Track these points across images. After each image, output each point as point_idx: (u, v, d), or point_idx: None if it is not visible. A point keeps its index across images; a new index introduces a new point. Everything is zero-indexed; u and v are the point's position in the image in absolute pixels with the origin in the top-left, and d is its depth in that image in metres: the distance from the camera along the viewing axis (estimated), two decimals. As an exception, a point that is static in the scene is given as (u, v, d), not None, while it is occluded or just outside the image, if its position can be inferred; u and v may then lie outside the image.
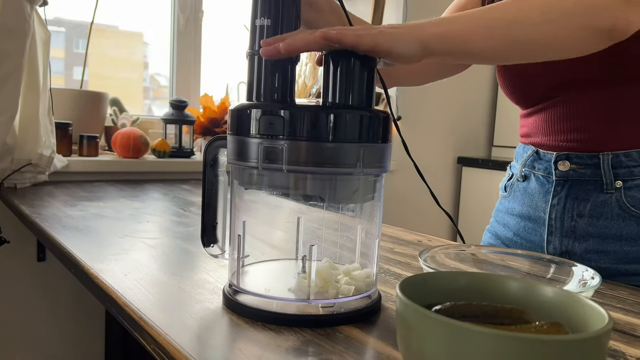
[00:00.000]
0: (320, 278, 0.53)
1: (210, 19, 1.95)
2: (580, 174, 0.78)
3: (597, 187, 0.77)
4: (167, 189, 1.39)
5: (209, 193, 0.59)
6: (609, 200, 0.76)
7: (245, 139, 0.50)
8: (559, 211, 0.80)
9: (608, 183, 0.76)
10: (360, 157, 0.49)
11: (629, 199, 0.75)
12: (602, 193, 0.77)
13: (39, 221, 0.90)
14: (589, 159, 0.77)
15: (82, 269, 0.66)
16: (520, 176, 0.87)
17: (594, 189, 0.77)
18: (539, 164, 0.84)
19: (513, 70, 0.85)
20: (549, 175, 0.82)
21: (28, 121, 1.25)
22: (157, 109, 2.10)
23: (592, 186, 0.78)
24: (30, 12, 1.18)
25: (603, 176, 0.76)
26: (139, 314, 0.51)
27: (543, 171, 0.83)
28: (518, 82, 0.85)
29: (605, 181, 0.76)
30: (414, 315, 0.36)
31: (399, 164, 2.16)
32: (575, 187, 0.79)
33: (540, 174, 0.84)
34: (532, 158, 0.85)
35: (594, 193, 0.77)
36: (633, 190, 0.75)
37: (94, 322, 1.56)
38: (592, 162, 0.77)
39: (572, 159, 0.79)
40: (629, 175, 0.75)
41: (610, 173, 0.76)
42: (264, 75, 0.52)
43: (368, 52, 0.50)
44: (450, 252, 0.66)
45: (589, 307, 0.39)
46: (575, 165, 0.78)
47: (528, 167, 0.86)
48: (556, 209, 0.80)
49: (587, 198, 0.78)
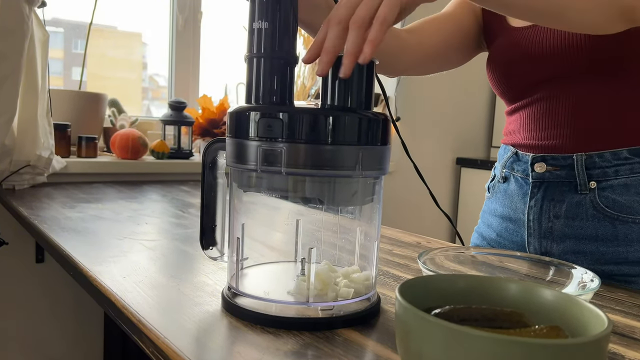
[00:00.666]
0: (319, 281, 0.53)
1: (208, 20, 1.95)
2: (555, 175, 0.79)
3: (571, 188, 0.78)
4: (166, 190, 1.39)
5: (208, 195, 0.59)
6: (583, 201, 0.77)
7: (244, 142, 0.50)
8: (536, 213, 0.81)
9: (582, 184, 0.77)
10: (359, 159, 0.49)
11: (602, 199, 0.76)
12: (576, 194, 0.78)
13: (37, 223, 0.90)
14: (564, 160, 0.78)
15: (81, 271, 0.65)
16: (501, 177, 0.89)
17: (569, 190, 0.78)
18: (517, 165, 0.85)
19: (500, 61, 0.86)
20: (527, 177, 0.83)
21: (26, 122, 1.24)
22: (155, 109, 2.09)
23: (567, 187, 0.78)
24: (28, 13, 1.18)
25: (577, 177, 0.77)
26: (138, 316, 0.51)
27: (521, 173, 0.84)
28: (504, 73, 0.86)
29: (579, 182, 0.77)
30: (412, 319, 0.36)
31: (398, 165, 2.16)
32: (551, 189, 0.80)
33: (519, 175, 0.84)
34: (512, 159, 0.86)
35: (569, 194, 0.78)
36: (607, 190, 0.76)
37: (93, 323, 1.56)
38: (567, 163, 0.78)
39: (547, 160, 0.80)
40: (603, 175, 0.76)
41: (584, 174, 0.76)
42: (262, 78, 0.52)
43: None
44: (449, 254, 0.66)
45: (588, 310, 0.39)
46: (551, 167, 0.79)
47: (508, 169, 0.87)
48: (533, 211, 0.81)
49: (563, 199, 0.79)
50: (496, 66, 0.87)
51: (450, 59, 0.94)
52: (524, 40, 0.81)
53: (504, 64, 0.86)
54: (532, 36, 0.80)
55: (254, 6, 0.52)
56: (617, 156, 0.75)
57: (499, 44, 0.87)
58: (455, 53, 0.93)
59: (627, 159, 0.75)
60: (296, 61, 0.53)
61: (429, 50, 0.90)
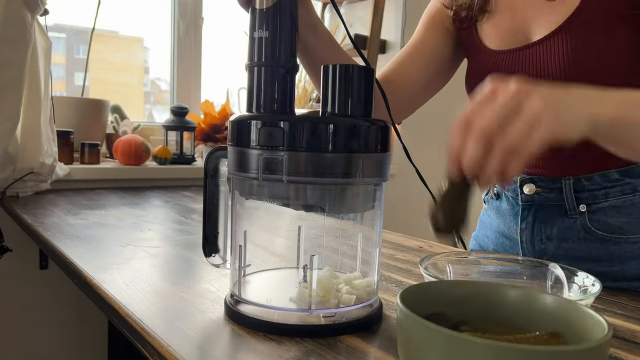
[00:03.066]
0: (321, 287, 0.53)
1: (210, 25, 1.96)
2: (544, 197, 0.78)
3: (561, 212, 0.76)
4: (169, 196, 1.39)
5: (210, 203, 0.59)
6: (574, 225, 0.76)
7: (245, 150, 0.50)
8: (528, 235, 0.80)
9: (571, 208, 0.75)
10: (359, 166, 0.49)
11: (594, 222, 0.74)
12: (566, 217, 0.76)
13: (41, 230, 0.90)
14: (552, 183, 0.77)
15: (85, 279, 0.66)
16: (494, 193, 0.87)
17: (559, 214, 0.77)
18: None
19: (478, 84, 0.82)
20: (517, 197, 0.81)
21: (30, 130, 1.25)
22: (158, 113, 2.10)
23: (557, 210, 0.77)
24: (31, 21, 1.19)
25: (566, 201, 0.76)
26: (141, 324, 0.51)
27: (512, 192, 0.82)
28: None
29: (568, 206, 0.76)
30: (413, 326, 0.36)
31: (400, 169, 2.16)
32: (541, 212, 0.78)
33: (509, 194, 0.83)
34: None
35: (559, 217, 0.77)
36: (597, 214, 0.74)
37: (97, 330, 1.56)
38: (555, 186, 0.76)
39: (536, 182, 0.78)
40: (592, 199, 0.74)
41: (572, 198, 0.75)
42: (263, 87, 0.52)
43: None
44: (451, 259, 0.66)
45: (589, 316, 0.39)
46: (540, 189, 0.77)
47: (499, 186, 0.85)
48: (525, 233, 0.81)
49: (553, 222, 0.77)
50: (470, 86, 0.84)
51: (434, 85, 0.91)
52: (503, 66, 0.78)
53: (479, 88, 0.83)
54: (510, 63, 0.77)
55: (255, 15, 0.53)
56: (606, 178, 0.73)
57: (476, 65, 0.84)
58: (438, 77, 0.90)
59: (617, 181, 0.73)
60: (296, 69, 0.54)
61: (409, 90, 0.88)
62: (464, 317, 0.43)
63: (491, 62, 0.79)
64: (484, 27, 0.82)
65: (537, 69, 0.73)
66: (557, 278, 0.61)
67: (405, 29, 2.23)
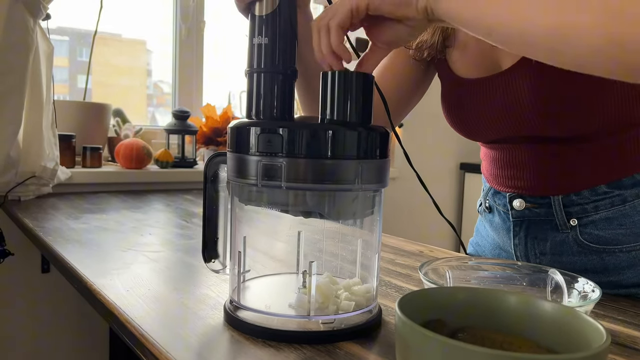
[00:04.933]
0: (320, 294, 0.53)
1: (212, 29, 1.97)
2: (535, 213, 0.77)
3: (553, 227, 0.76)
4: (170, 200, 1.40)
5: (210, 208, 0.59)
6: (566, 240, 0.75)
7: (244, 157, 0.50)
8: (522, 250, 0.80)
9: (561, 224, 0.75)
10: (358, 173, 0.50)
11: (585, 236, 0.74)
12: (558, 232, 0.76)
13: (42, 235, 0.91)
14: (541, 199, 0.76)
15: (85, 284, 0.66)
16: (486, 207, 0.87)
17: (551, 229, 0.76)
18: (498, 198, 0.83)
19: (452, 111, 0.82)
20: (508, 212, 0.80)
21: (32, 134, 1.26)
22: (160, 116, 2.11)
23: (548, 225, 0.76)
24: (33, 26, 1.19)
25: (555, 217, 0.75)
26: (141, 331, 0.51)
27: (503, 207, 0.82)
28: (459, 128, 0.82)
29: (559, 222, 0.75)
30: (411, 333, 0.36)
31: (401, 171, 2.16)
32: (532, 227, 0.78)
33: (501, 209, 0.82)
34: (493, 191, 0.84)
35: (551, 232, 0.76)
36: (589, 227, 0.73)
37: (98, 334, 1.56)
38: (544, 202, 0.76)
39: (525, 197, 0.77)
40: (582, 212, 0.73)
41: (562, 214, 0.74)
42: (262, 93, 0.52)
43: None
44: (451, 264, 0.66)
45: (588, 323, 0.39)
46: (529, 204, 0.77)
47: (490, 199, 0.85)
48: (519, 248, 0.80)
49: (545, 237, 0.77)
50: (449, 115, 0.83)
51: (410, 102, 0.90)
52: (477, 93, 0.76)
53: (456, 118, 0.81)
54: (483, 90, 0.75)
55: (254, 22, 0.53)
56: (595, 192, 0.72)
57: (450, 91, 0.82)
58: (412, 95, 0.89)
59: (606, 193, 0.72)
60: (295, 76, 0.54)
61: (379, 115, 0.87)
62: (462, 323, 0.43)
63: (464, 90, 0.79)
64: (452, 57, 0.81)
65: (512, 96, 0.72)
66: (557, 284, 0.61)
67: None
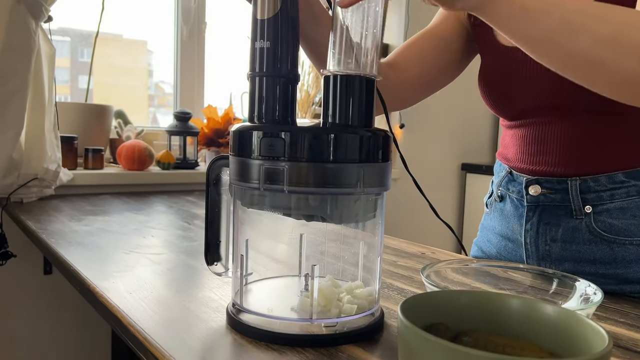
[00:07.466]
0: (322, 297, 0.53)
1: (213, 30, 1.97)
2: (550, 199, 0.78)
3: (567, 213, 0.77)
4: (172, 201, 1.40)
5: (212, 211, 0.60)
6: (579, 226, 0.76)
7: (246, 161, 0.50)
8: (533, 236, 0.80)
9: (577, 209, 0.75)
10: (360, 176, 0.50)
11: (599, 224, 0.74)
12: (572, 218, 0.76)
13: (44, 237, 0.91)
14: (558, 184, 0.77)
15: (88, 287, 0.66)
16: (498, 196, 0.87)
17: (564, 215, 0.77)
18: (512, 186, 0.83)
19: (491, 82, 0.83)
20: (522, 199, 0.81)
21: (34, 136, 1.26)
22: (162, 116, 2.11)
23: (562, 211, 0.77)
24: (35, 28, 1.19)
25: (572, 202, 0.76)
26: (144, 334, 0.51)
27: (517, 194, 0.82)
28: (495, 97, 0.83)
29: (574, 207, 0.76)
30: (413, 337, 0.36)
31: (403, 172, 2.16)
32: (546, 213, 0.78)
33: (514, 196, 0.83)
34: (507, 179, 0.85)
35: (565, 218, 0.77)
36: (603, 215, 0.74)
37: (101, 336, 1.57)
38: (561, 187, 0.76)
39: (542, 183, 0.78)
40: (598, 200, 0.74)
41: (579, 199, 0.75)
42: (265, 97, 0.53)
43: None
44: (453, 266, 0.66)
45: (590, 327, 0.39)
46: (545, 190, 0.78)
47: (504, 188, 0.86)
48: (530, 234, 0.80)
49: (558, 223, 0.77)
50: (486, 87, 0.84)
51: (437, 78, 0.90)
52: (516, 64, 0.78)
53: (494, 87, 0.83)
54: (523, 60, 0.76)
55: (256, 26, 0.53)
56: (612, 180, 0.74)
57: (489, 62, 0.84)
58: (442, 71, 0.89)
59: (622, 182, 0.73)
60: (297, 79, 0.54)
61: (410, 75, 0.86)
62: (465, 327, 0.43)
63: (504, 59, 0.80)
64: None
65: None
66: (559, 287, 0.61)
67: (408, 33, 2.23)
